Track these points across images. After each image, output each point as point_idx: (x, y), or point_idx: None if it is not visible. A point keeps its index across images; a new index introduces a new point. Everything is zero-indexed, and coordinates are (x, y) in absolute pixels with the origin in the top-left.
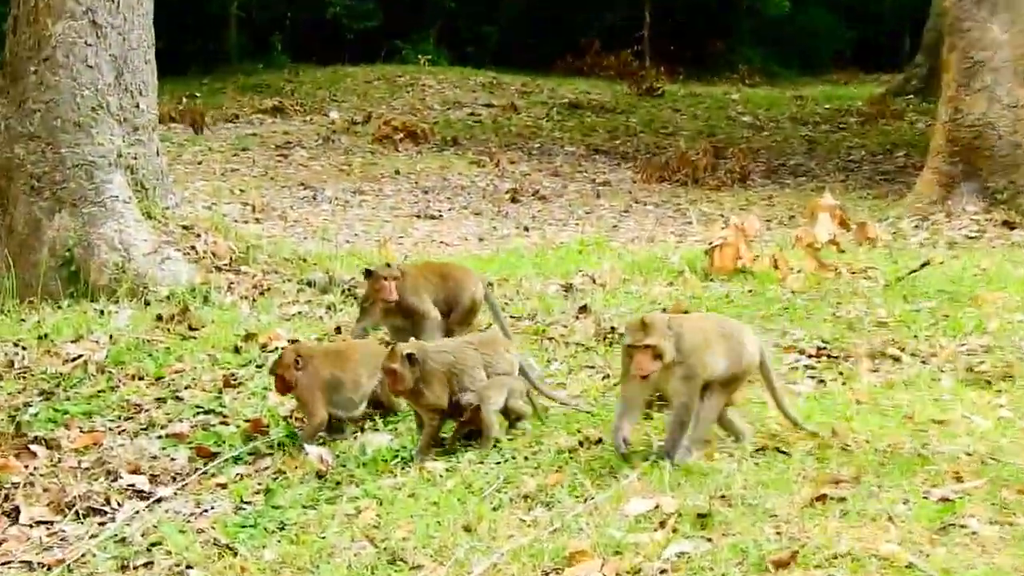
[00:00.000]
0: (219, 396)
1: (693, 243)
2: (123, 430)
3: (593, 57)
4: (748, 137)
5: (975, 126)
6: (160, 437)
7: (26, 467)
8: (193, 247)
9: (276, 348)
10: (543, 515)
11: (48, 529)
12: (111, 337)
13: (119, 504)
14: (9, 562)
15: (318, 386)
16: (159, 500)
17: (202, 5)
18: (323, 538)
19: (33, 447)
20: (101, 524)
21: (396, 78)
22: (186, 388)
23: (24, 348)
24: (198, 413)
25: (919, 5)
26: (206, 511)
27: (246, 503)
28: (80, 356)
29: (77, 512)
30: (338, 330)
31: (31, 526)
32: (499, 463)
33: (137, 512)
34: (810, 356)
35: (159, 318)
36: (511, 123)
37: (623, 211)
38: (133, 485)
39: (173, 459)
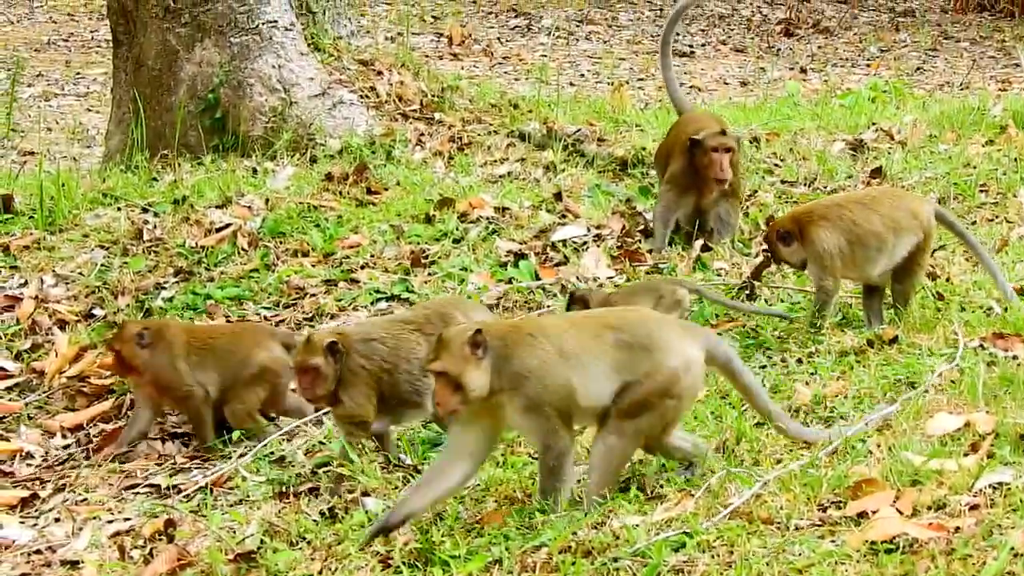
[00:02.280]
0: (405, 279)
1: (1020, 91)
2: (281, 320)
3: None
4: None
5: None
6: None
7: None
8: (373, 88)
9: (479, 218)
10: (820, 433)
11: (184, 444)
12: (267, 201)
13: (275, 414)
14: (134, 486)
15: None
16: (326, 412)
17: None
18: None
19: None
20: (250, 438)
21: None
22: (363, 268)
23: (156, 214)
24: (378, 299)
25: None
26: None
27: None
28: (227, 225)
29: (221, 423)
30: (558, 195)
31: (162, 440)
32: (764, 367)
33: (299, 425)
34: None
35: (329, 178)
36: None
37: (929, 49)
38: (294, 390)
39: None
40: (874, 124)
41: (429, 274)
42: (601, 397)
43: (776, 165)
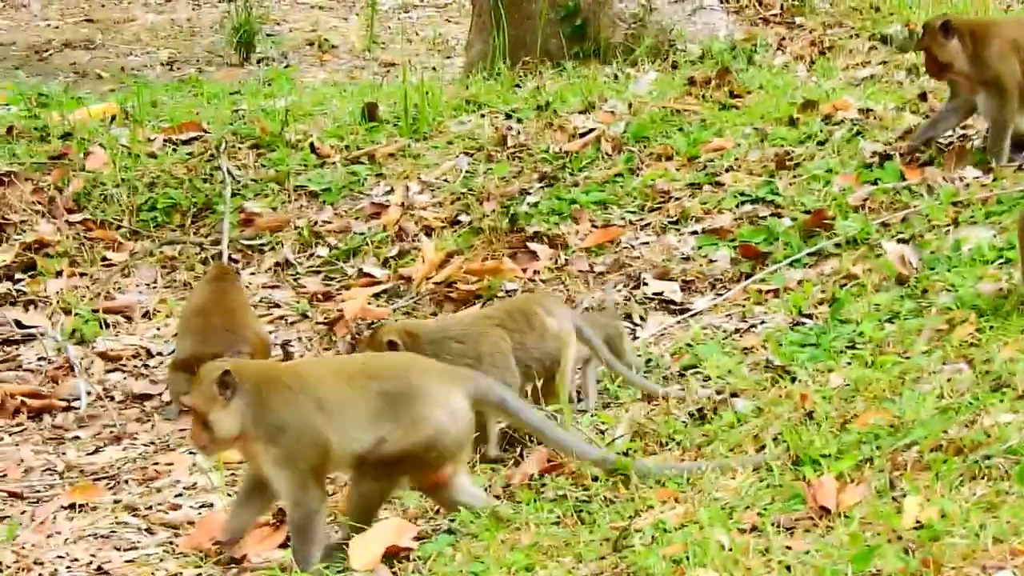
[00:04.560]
0: (770, 181)
1: None
2: (647, 224)
3: None
4: None
5: None
6: (695, 233)
7: (524, 271)
8: None
9: (842, 120)
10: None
11: None
12: (630, 106)
13: (642, 318)
14: None
15: None
16: (694, 313)
17: None
18: (906, 359)
19: (532, 245)
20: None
21: None
22: (727, 171)
23: (520, 121)
24: (743, 203)
25: None
26: (754, 327)
27: (805, 316)
28: (591, 131)
29: None
30: (923, 95)
31: None
32: None
33: (666, 327)
34: None
35: (691, 83)
36: None
37: None
38: (661, 294)
39: (712, 261)
40: None
41: (794, 176)
42: (357, 446)
43: None
